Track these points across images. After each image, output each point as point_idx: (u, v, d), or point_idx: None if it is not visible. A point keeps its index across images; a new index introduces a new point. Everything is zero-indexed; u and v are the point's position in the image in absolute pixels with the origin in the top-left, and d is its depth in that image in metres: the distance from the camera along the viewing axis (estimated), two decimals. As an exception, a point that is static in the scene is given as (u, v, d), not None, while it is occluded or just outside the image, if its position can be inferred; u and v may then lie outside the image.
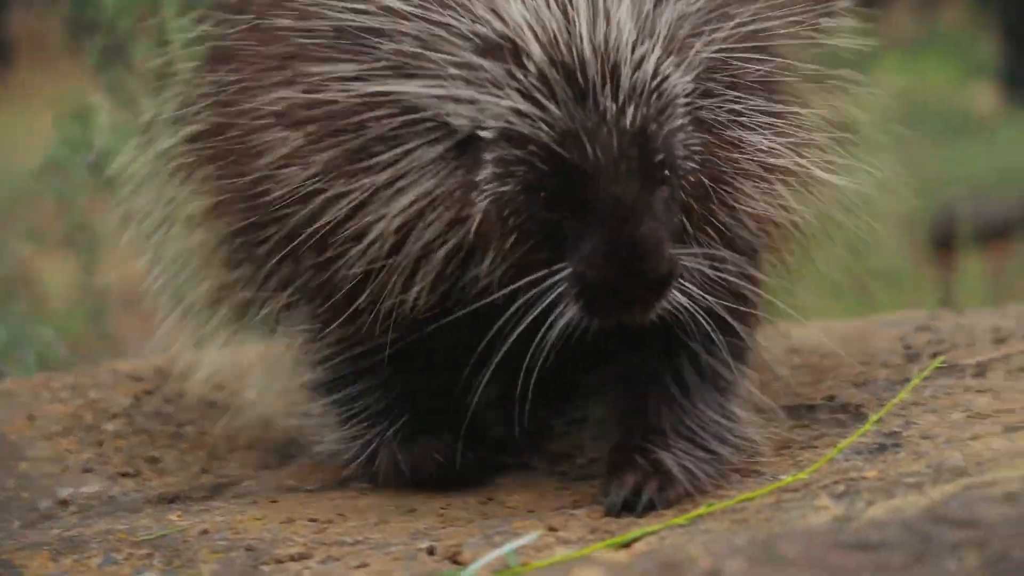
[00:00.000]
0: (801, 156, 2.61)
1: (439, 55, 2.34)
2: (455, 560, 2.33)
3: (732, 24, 2.46)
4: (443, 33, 2.35)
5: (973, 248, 8.93)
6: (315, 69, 2.48)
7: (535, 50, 2.28)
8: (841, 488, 2.44)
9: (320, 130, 2.47)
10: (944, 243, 9.28)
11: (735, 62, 2.52)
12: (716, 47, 2.44)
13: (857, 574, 1.91)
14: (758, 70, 2.55)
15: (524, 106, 2.27)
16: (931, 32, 20.61)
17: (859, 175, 2.73)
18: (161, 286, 3.20)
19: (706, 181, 2.47)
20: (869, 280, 2.91)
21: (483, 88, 2.30)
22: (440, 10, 2.37)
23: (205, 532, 2.57)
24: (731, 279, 2.54)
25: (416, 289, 2.44)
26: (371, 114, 2.40)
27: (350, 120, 2.43)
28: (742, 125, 2.52)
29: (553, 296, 2.30)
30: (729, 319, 2.53)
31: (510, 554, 2.21)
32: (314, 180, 2.46)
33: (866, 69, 2.75)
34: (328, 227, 2.46)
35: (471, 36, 2.34)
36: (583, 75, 2.26)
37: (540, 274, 2.31)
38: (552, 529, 2.43)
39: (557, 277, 2.30)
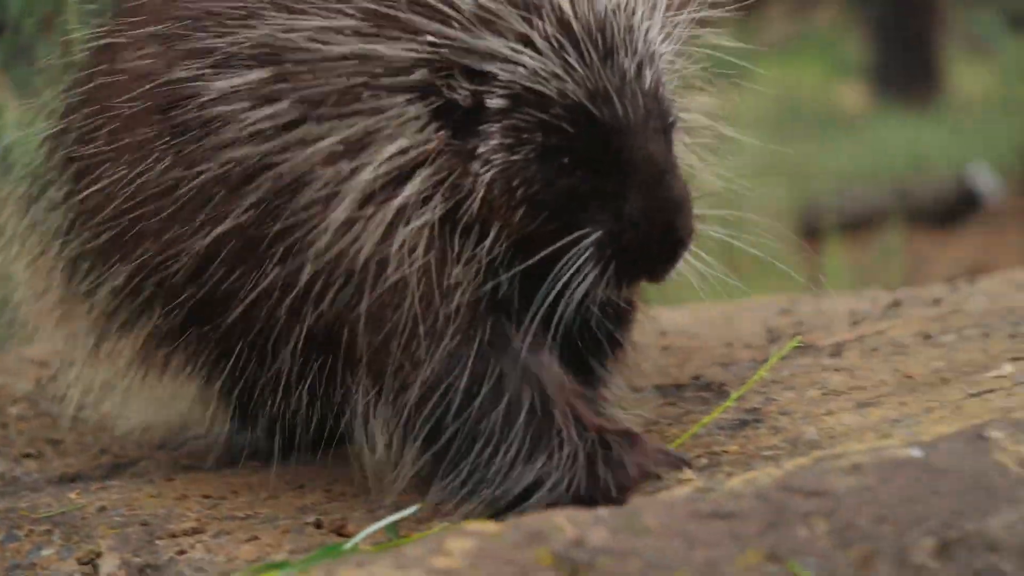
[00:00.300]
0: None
1: (447, 6, 2.14)
2: (340, 532, 2.35)
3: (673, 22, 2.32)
4: None
5: (837, 238, 9.08)
6: (290, 21, 2.25)
7: (566, 8, 2.11)
8: (704, 461, 2.48)
9: (291, 68, 2.23)
10: (811, 233, 9.41)
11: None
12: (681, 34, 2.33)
13: (713, 542, 1.94)
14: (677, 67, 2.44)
15: (551, 65, 2.09)
16: (804, 33, 20.86)
17: (736, 170, 2.67)
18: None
19: None
20: (740, 267, 2.92)
21: (504, 42, 2.10)
22: None
23: (103, 509, 2.55)
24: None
25: (406, 252, 2.17)
26: (339, 66, 2.19)
27: (326, 66, 2.20)
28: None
29: (578, 263, 2.13)
30: (621, 312, 2.49)
31: (391, 526, 2.22)
32: (280, 117, 2.22)
33: (743, 69, 2.72)
34: (298, 175, 2.22)
35: None
36: (604, 33, 2.10)
37: (565, 241, 2.13)
38: (437, 502, 2.44)
39: (582, 241, 2.13)
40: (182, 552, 2.31)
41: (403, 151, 2.15)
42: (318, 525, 2.37)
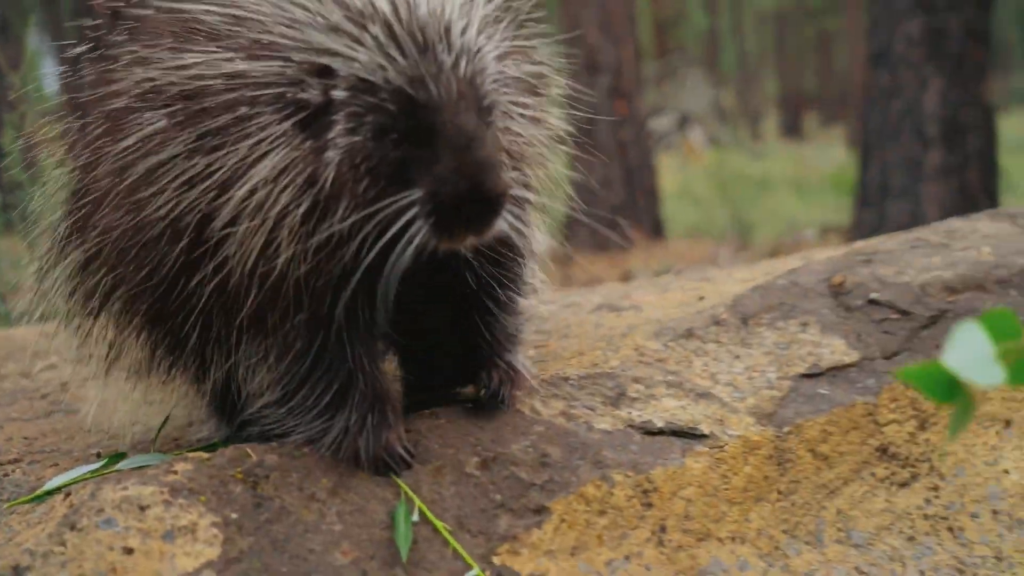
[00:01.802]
0: (543, 146, 2.14)
1: (306, 22, 1.84)
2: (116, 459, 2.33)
3: (505, 31, 2.00)
4: (311, 7, 1.86)
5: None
6: (172, 57, 1.91)
7: (386, 14, 1.81)
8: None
9: (181, 112, 1.88)
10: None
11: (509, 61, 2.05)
12: (504, 44, 1.99)
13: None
14: (519, 71, 2.08)
15: (378, 58, 1.79)
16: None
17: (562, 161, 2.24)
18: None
19: None
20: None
21: (344, 42, 1.80)
22: None
23: None
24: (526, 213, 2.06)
25: (284, 249, 1.85)
26: (223, 97, 1.84)
27: (209, 101, 1.86)
28: (509, 115, 2.02)
29: (404, 219, 1.78)
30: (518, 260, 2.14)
31: (152, 454, 2.21)
32: (177, 158, 1.88)
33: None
34: (196, 201, 1.87)
35: (336, 7, 1.85)
36: (423, 34, 1.80)
37: (389, 200, 1.79)
38: (175, 440, 2.44)
39: (407, 200, 1.78)
40: (6, 475, 2.25)
41: (276, 164, 1.83)
42: (99, 455, 2.33)
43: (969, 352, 1.25)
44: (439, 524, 1.95)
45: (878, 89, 8.94)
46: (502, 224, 1.83)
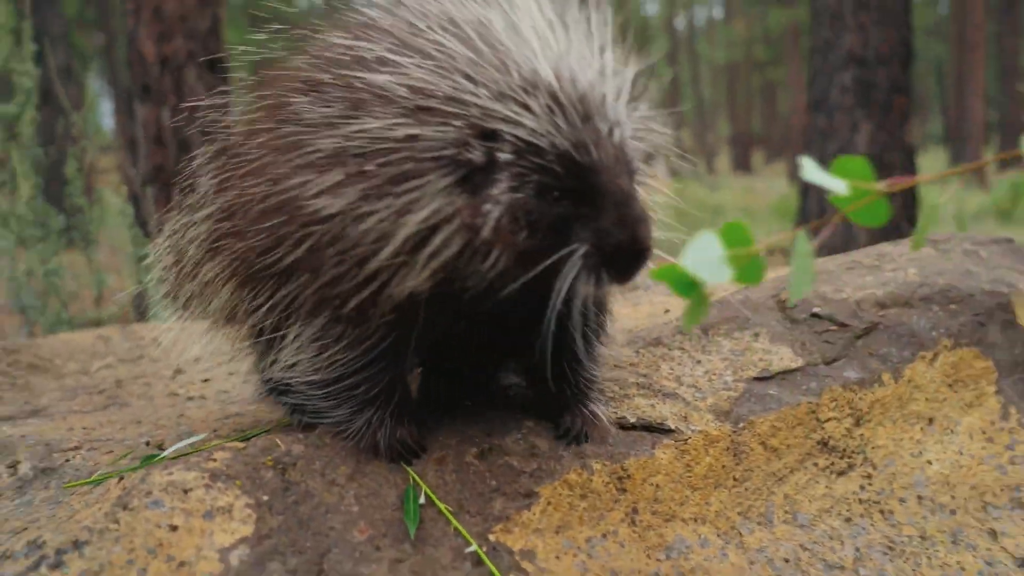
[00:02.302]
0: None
1: (481, 87, 1.73)
2: (160, 447, 2.30)
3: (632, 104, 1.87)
4: (488, 72, 1.74)
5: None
6: (352, 121, 1.79)
7: (551, 85, 1.72)
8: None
9: (353, 169, 1.76)
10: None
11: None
12: (634, 117, 1.88)
13: (361, 452, 2.00)
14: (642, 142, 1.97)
15: (546, 125, 1.70)
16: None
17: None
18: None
19: None
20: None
21: (511, 108, 1.71)
22: (482, 61, 1.76)
23: (23, 436, 2.41)
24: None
25: (421, 278, 1.76)
26: (393, 156, 1.73)
27: (380, 159, 1.75)
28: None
29: (571, 269, 1.69)
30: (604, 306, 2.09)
31: (188, 445, 2.20)
32: (347, 206, 1.76)
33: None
34: (354, 240, 1.76)
35: (501, 76, 1.73)
36: (583, 104, 1.72)
37: (557, 256, 1.70)
38: (215, 431, 2.41)
39: (574, 252, 1.70)
40: (68, 460, 2.23)
41: (433, 213, 1.72)
42: (147, 443, 2.30)
43: (703, 255, 1.29)
44: (442, 506, 1.93)
45: (816, 131, 8.98)
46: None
